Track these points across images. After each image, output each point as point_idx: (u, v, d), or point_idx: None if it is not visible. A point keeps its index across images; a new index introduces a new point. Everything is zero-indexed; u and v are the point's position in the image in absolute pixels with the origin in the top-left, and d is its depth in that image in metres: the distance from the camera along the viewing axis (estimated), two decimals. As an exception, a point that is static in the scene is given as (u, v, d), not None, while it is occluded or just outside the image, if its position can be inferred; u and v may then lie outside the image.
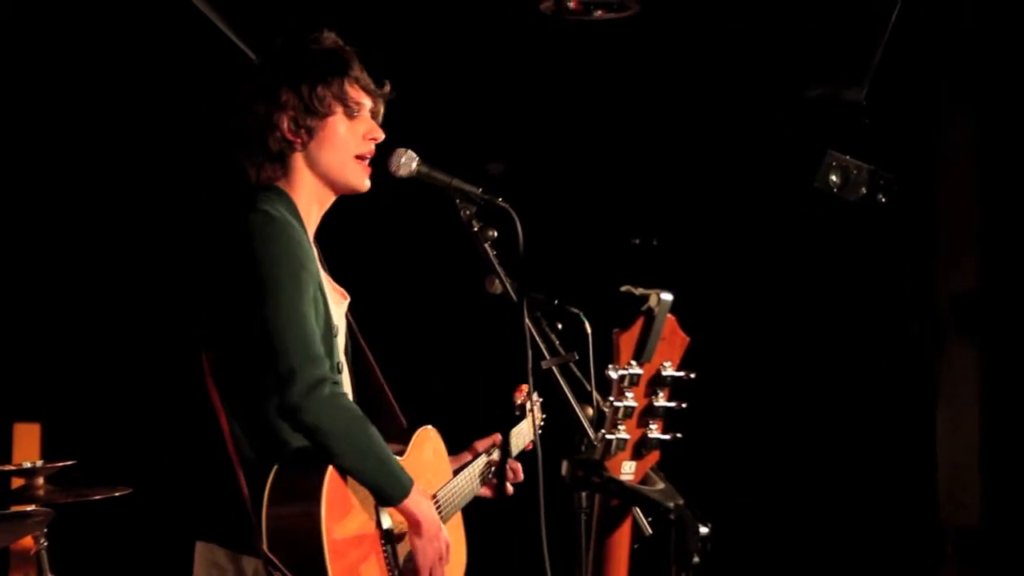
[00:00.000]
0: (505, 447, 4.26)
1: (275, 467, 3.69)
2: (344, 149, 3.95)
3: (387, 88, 4.06)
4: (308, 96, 3.91)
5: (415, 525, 3.82)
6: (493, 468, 4.29)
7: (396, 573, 3.85)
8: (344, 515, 3.72)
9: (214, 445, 3.78)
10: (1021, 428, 5.82)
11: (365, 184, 3.99)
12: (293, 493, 3.69)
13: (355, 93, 3.97)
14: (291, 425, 3.68)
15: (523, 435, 4.37)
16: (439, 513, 4.02)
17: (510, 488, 4.23)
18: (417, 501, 3.82)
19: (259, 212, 3.80)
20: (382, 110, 4.05)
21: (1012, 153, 5.84)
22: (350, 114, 3.96)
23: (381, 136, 3.99)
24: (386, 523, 3.84)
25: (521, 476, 4.16)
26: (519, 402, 4.36)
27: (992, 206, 5.91)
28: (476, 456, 4.29)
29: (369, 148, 3.97)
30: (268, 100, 3.91)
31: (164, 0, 5.56)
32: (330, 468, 3.70)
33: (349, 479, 3.75)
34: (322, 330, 3.82)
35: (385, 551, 3.83)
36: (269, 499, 3.66)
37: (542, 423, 4.40)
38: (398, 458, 3.94)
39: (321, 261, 4.15)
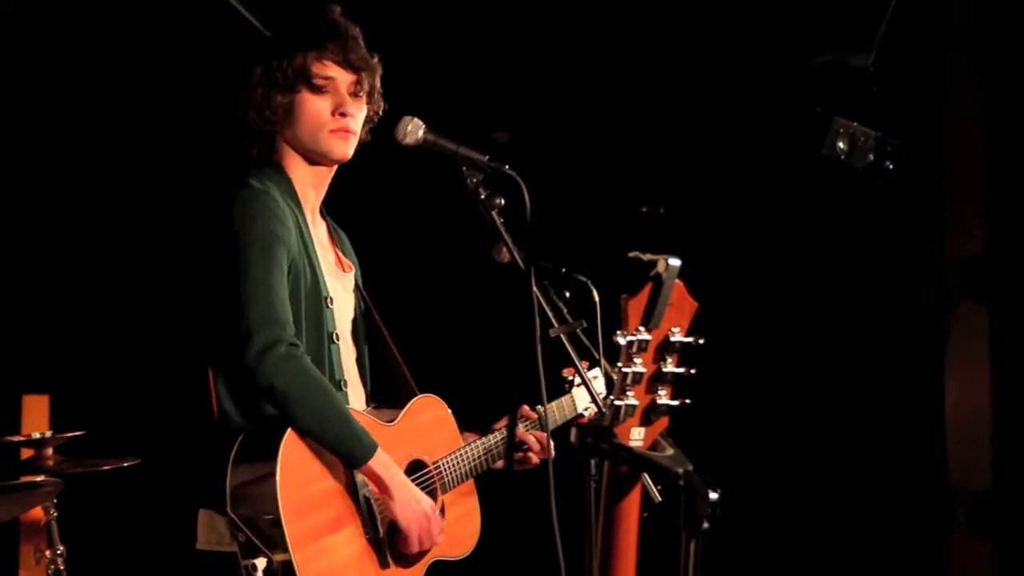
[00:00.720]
0: (540, 420, 4.25)
1: (242, 434, 3.75)
2: (314, 124, 3.99)
3: (374, 60, 4.06)
4: (275, 72, 3.94)
5: (382, 487, 3.84)
6: (517, 440, 4.28)
7: (372, 536, 3.86)
8: (306, 477, 3.77)
9: (208, 413, 3.85)
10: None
11: (338, 151, 4.02)
12: (252, 455, 3.76)
13: (322, 68, 3.99)
14: (250, 387, 3.74)
15: (564, 409, 4.37)
16: (439, 480, 4.03)
17: (534, 458, 4.25)
18: (384, 464, 3.84)
19: (243, 186, 3.90)
20: (368, 83, 4.05)
21: (1020, 116, 5.82)
22: (315, 90, 3.98)
23: (351, 111, 4.01)
24: (361, 487, 3.86)
25: (550, 451, 4.12)
26: (569, 378, 4.36)
27: (1000, 170, 5.89)
28: (507, 430, 4.30)
29: (340, 123, 4.00)
30: (243, 80, 3.96)
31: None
32: (288, 430, 3.76)
33: (312, 441, 3.78)
34: (306, 299, 3.87)
35: (360, 515, 3.85)
36: (232, 461, 3.76)
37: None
38: (387, 424, 3.97)
39: (331, 232, 4.17)
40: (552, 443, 4.07)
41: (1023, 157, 5.84)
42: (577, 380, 4.30)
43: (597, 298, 3.70)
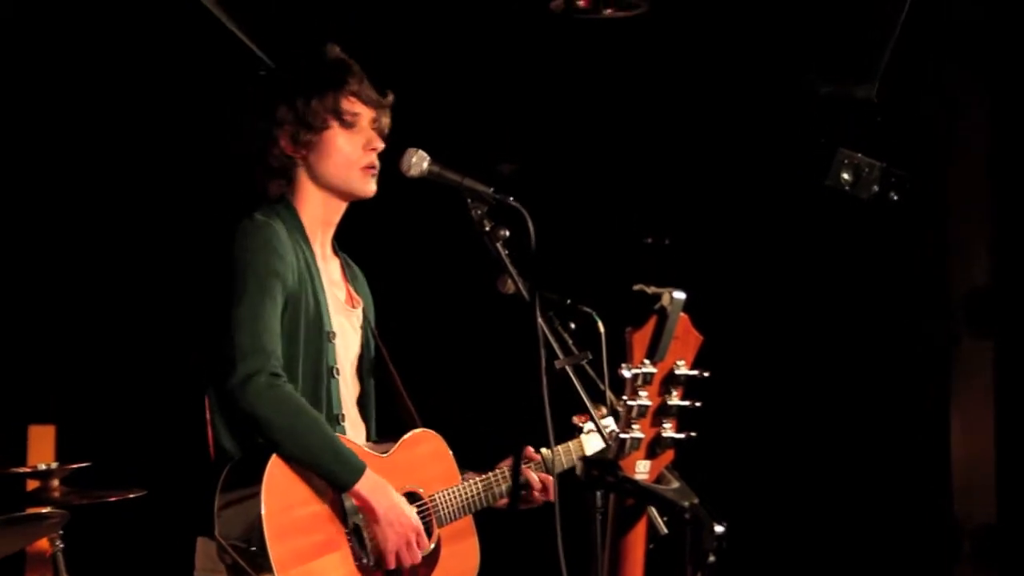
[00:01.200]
0: (545, 462, 4.25)
1: (232, 460, 3.77)
2: (344, 161, 4.01)
3: (389, 98, 4.10)
4: (303, 111, 3.98)
5: (369, 510, 3.86)
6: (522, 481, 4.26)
7: (366, 561, 3.87)
8: (292, 500, 3.79)
9: (204, 441, 3.88)
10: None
11: (370, 190, 4.07)
12: (239, 479, 3.80)
13: (351, 105, 4.02)
14: (233, 415, 3.76)
15: (572, 454, 4.35)
16: (434, 513, 4.03)
17: (537, 497, 4.23)
18: (373, 487, 3.86)
19: (248, 219, 3.91)
20: (386, 120, 4.09)
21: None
22: (346, 126, 4.01)
23: (381, 146, 4.05)
24: (352, 516, 3.87)
25: (551, 495, 4.09)
26: (579, 424, 4.35)
27: (1004, 201, 5.90)
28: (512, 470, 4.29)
29: (370, 159, 4.03)
30: (267, 117, 3.98)
31: (181, 9, 5.57)
32: (273, 455, 3.78)
33: (300, 466, 3.79)
34: (306, 333, 3.89)
35: (350, 538, 3.85)
36: (220, 486, 3.80)
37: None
38: (380, 455, 3.98)
39: (344, 270, 4.19)
40: (556, 487, 4.06)
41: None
42: (588, 427, 4.28)
43: (603, 329, 3.70)
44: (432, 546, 4.02)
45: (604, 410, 4.12)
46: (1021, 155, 5.84)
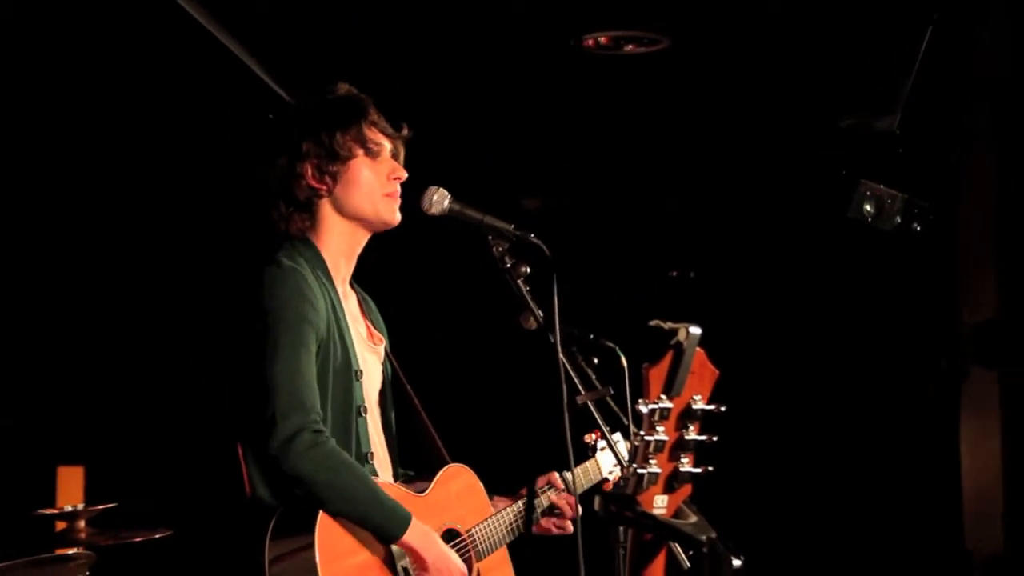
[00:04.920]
0: (567, 484, 4.26)
1: (278, 510, 3.77)
2: (370, 189, 4.03)
3: (405, 131, 4.12)
4: (328, 142, 4.00)
5: (417, 559, 3.86)
6: (548, 505, 4.28)
7: None
8: (344, 553, 3.78)
9: (238, 488, 3.87)
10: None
11: (396, 218, 4.07)
12: (290, 529, 3.77)
13: (373, 135, 4.05)
14: (275, 472, 3.77)
15: (589, 474, 4.38)
16: (473, 548, 4.04)
17: (569, 525, 4.25)
18: (420, 535, 3.86)
19: (273, 264, 3.92)
20: (402, 152, 4.11)
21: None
22: (371, 155, 4.04)
23: (404, 175, 4.07)
24: (400, 560, 3.87)
25: (577, 511, 4.11)
26: (591, 443, 4.37)
27: (1013, 234, 5.89)
28: (531, 495, 4.30)
29: (394, 187, 4.05)
30: (290, 152, 4.00)
31: (201, 47, 5.61)
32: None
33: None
34: (335, 375, 3.90)
35: None
36: (270, 535, 3.76)
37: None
38: (418, 495, 3.98)
39: (361, 303, 4.20)
40: (580, 506, 4.07)
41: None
42: (601, 444, 4.31)
43: (625, 364, 3.70)
44: None
45: (627, 444, 4.14)
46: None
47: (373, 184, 4.04)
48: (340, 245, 4.07)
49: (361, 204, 4.04)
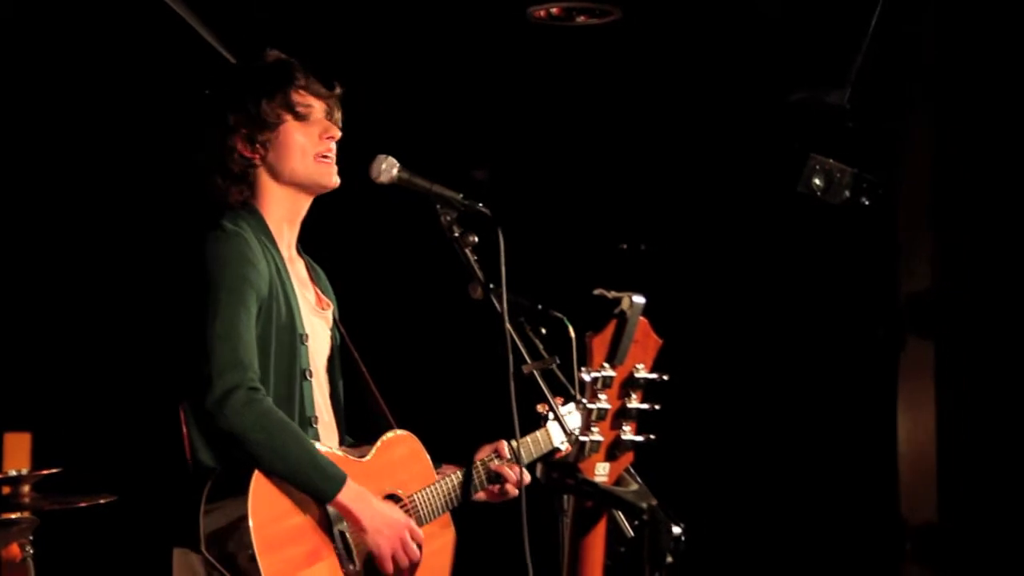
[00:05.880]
0: (513, 453, 4.28)
1: (214, 474, 3.78)
2: (303, 152, 4.05)
3: (337, 89, 4.13)
4: (255, 111, 4.02)
5: (353, 520, 3.87)
6: (493, 474, 4.29)
7: (352, 568, 3.89)
8: (278, 512, 3.80)
9: (179, 453, 3.88)
10: (976, 425, 5.84)
11: (333, 180, 4.09)
12: (224, 493, 3.79)
13: (302, 98, 4.06)
14: (211, 432, 3.78)
15: (540, 443, 4.39)
16: (414, 514, 4.05)
17: (512, 491, 4.27)
18: (355, 495, 3.87)
19: (216, 228, 3.94)
20: (338, 112, 4.12)
21: (969, 153, 5.84)
22: (300, 119, 4.06)
23: (337, 134, 4.09)
24: (335, 521, 3.89)
25: (525, 478, 4.12)
26: (544, 413, 4.38)
27: (950, 206, 5.92)
28: (471, 464, 4.32)
29: (327, 147, 4.07)
30: (219, 126, 4.01)
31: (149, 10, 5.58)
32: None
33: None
34: (278, 336, 3.91)
35: (336, 548, 3.87)
36: (205, 501, 3.78)
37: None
38: (359, 459, 4.00)
39: (309, 270, 4.21)
40: (527, 475, 4.08)
41: (972, 192, 5.86)
42: (551, 415, 4.32)
43: (573, 334, 3.71)
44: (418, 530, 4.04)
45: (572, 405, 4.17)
46: (966, 158, 5.85)
47: (305, 147, 4.05)
48: (281, 211, 4.08)
49: (295, 169, 4.05)
